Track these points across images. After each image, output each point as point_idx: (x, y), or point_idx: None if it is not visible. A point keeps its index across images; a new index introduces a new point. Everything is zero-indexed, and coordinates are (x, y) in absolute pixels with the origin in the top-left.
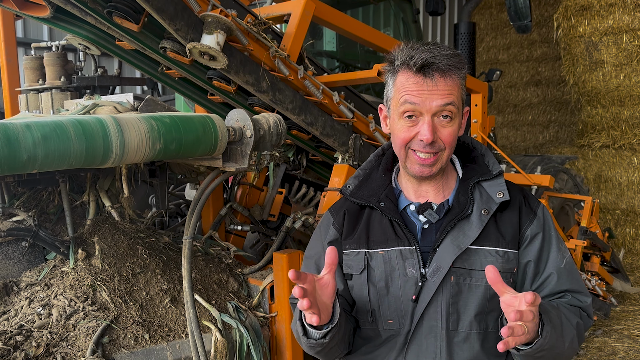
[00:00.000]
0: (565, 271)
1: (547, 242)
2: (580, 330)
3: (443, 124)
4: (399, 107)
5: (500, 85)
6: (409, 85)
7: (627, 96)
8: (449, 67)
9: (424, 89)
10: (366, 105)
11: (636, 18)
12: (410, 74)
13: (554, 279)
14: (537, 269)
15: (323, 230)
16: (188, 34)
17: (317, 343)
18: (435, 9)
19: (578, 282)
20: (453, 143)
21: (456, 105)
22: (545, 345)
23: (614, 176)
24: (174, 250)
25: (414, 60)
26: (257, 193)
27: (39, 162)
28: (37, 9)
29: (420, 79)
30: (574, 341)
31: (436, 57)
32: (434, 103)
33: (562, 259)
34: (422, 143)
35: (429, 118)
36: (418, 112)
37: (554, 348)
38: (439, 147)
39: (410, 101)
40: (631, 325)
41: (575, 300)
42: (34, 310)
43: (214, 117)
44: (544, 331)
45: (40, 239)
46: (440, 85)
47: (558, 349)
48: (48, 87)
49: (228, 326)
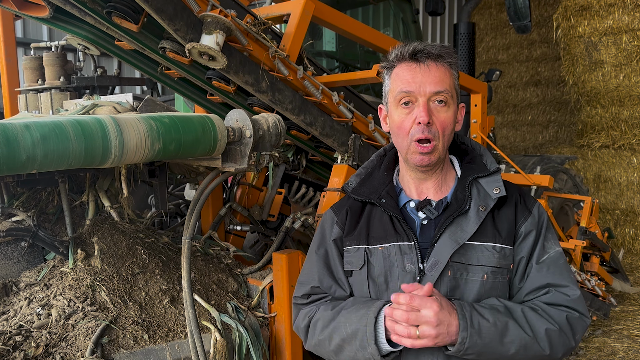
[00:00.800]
0: (546, 265)
1: (540, 240)
2: (552, 335)
3: (438, 108)
4: (396, 94)
5: (500, 86)
6: (403, 72)
7: (627, 96)
8: (439, 53)
9: (417, 74)
10: (366, 106)
11: (636, 18)
12: (404, 63)
13: (532, 271)
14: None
15: (327, 228)
16: (187, 34)
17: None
18: (434, 9)
19: (562, 275)
20: (448, 130)
21: (450, 91)
22: (467, 350)
23: (613, 176)
24: (174, 250)
25: (406, 49)
26: (256, 193)
27: (38, 162)
28: (36, 9)
29: (414, 64)
30: (530, 348)
31: (427, 46)
32: (428, 87)
33: (545, 253)
34: (420, 127)
35: (424, 101)
36: (414, 97)
37: (488, 354)
38: (435, 133)
39: (406, 89)
40: (631, 325)
41: (559, 296)
42: (33, 311)
43: (213, 118)
44: (460, 336)
45: (40, 239)
46: (432, 69)
47: (496, 354)
48: (47, 87)
49: (227, 326)
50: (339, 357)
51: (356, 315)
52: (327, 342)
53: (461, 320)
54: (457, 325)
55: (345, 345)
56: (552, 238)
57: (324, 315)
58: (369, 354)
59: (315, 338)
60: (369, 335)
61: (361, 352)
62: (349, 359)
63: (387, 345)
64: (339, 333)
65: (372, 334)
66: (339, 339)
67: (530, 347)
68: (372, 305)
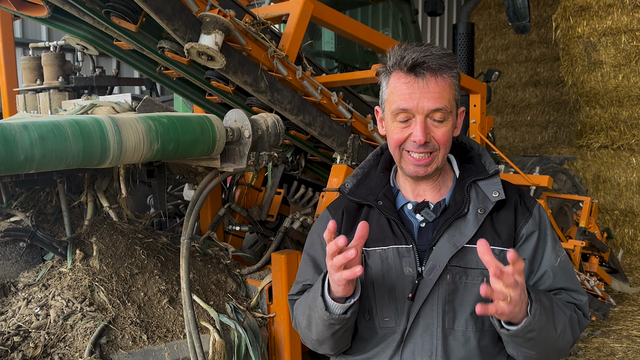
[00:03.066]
0: (560, 269)
1: (542, 241)
2: (574, 323)
3: (436, 124)
4: (392, 109)
5: (499, 86)
6: (401, 86)
7: (626, 97)
8: (440, 67)
9: (415, 90)
10: (364, 106)
11: (635, 19)
12: (401, 75)
13: (548, 277)
14: (532, 267)
15: (322, 229)
16: (186, 34)
17: (339, 319)
18: (433, 10)
19: (573, 281)
20: (447, 143)
21: (448, 107)
22: (534, 324)
23: (612, 177)
24: (172, 250)
25: (404, 60)
26: (255, 193)
27: (36, 162)
28: (34, 9)
29: (412, 79)
30: (566, 331)
31: (427, 56)
32: (426, 105)
33: (557, 257)
34: (416, 144)
35: (421, 119)
36: (410, 114)
37: (544, 331)
38: (433, 147)
39: (403, 106)
40: (630, 325)
41: (570, 298)
42: (32, 311)
43: (212, 118)
44: (532, 309)
45: (38, 240)
46: (431, 85)
47: (548, 333)
48: (46, 88)
49: (226, 327)
50: (311, 332)
51: (314, 288)
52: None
53: (531, 293)
54: (527, 301)
55: (312, 313)
56: (557, 239)
57: (300, 300)
58: (319, 310)
59: (300, 328)
60: (318, 290)
61: (318, 313)
62: (319, 330)
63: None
64: (305, 303)
65: (319, 289)
66: (307, 309)
67: (567, 330)
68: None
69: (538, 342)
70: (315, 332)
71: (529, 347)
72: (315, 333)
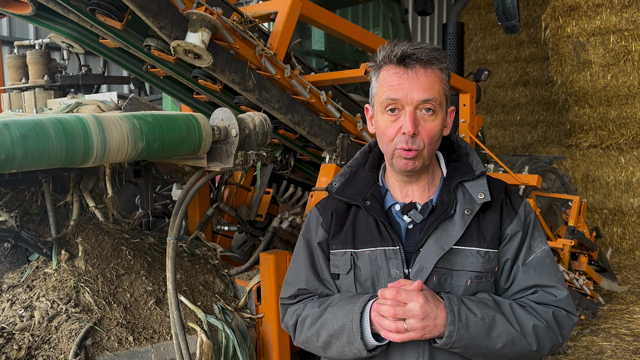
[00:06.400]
0: (532, 266)
1: (527, 240)
2: (539, 331)
3: (425, 117)
4: (382, 101)
5: (489, 86)
6: (391, 77)
7: (614, 96)
8: (429, 59)
9: (405, 81)
10: (354, 105)
11: (623, 19)
12: (391, 67)
13: (519, 273)
14: (512, 267)
15: (313, 228)
16: (172, 32)
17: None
18: (423, 9)
19: (549, 276)
20: (433, 140)
21: (438, 99)
22: (454, 342)
23: (601, 176)
24: (159, 251)
25: (394, 52)
26: (244, 193)
27: (18, 161)
28: (19, 7)
29: (402, 70)
30: (517, 343)
31: (417, 49)
32: (415, 96)
33: (531, 253)
34: (405, 137)
35: (410, 110)
36: (400, 104)
37: (473, 347)
38: (419, 143)
39: (392, 96)
40: (618, 324)
41: (546, 296)
42: (16, 313)
43: (198, 116)
44: (447, 330)
45: (23, 240)
46: (421, 76)
47: (483, 348)
48: (31, 86)
49: (214, 328)
50: (327, 352)
51: (342, 311)
52: (315, 338)
53: (449, 314)
54: (444, 318)
55: (333, 341)
56: (539, 236)
57: (312, 312)
58: (356, 349)
59: (303, 335)
60: (355, 331)
61: (348, 348)
62: (337, 354)
63: (373, 339)
64: (327, 329)
65: (358, 329)
66: (326, 335)
67: (518, 342)
68: (357, 300)
69: (474, 354)
70: (334, 354)
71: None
72: (334, 355)
